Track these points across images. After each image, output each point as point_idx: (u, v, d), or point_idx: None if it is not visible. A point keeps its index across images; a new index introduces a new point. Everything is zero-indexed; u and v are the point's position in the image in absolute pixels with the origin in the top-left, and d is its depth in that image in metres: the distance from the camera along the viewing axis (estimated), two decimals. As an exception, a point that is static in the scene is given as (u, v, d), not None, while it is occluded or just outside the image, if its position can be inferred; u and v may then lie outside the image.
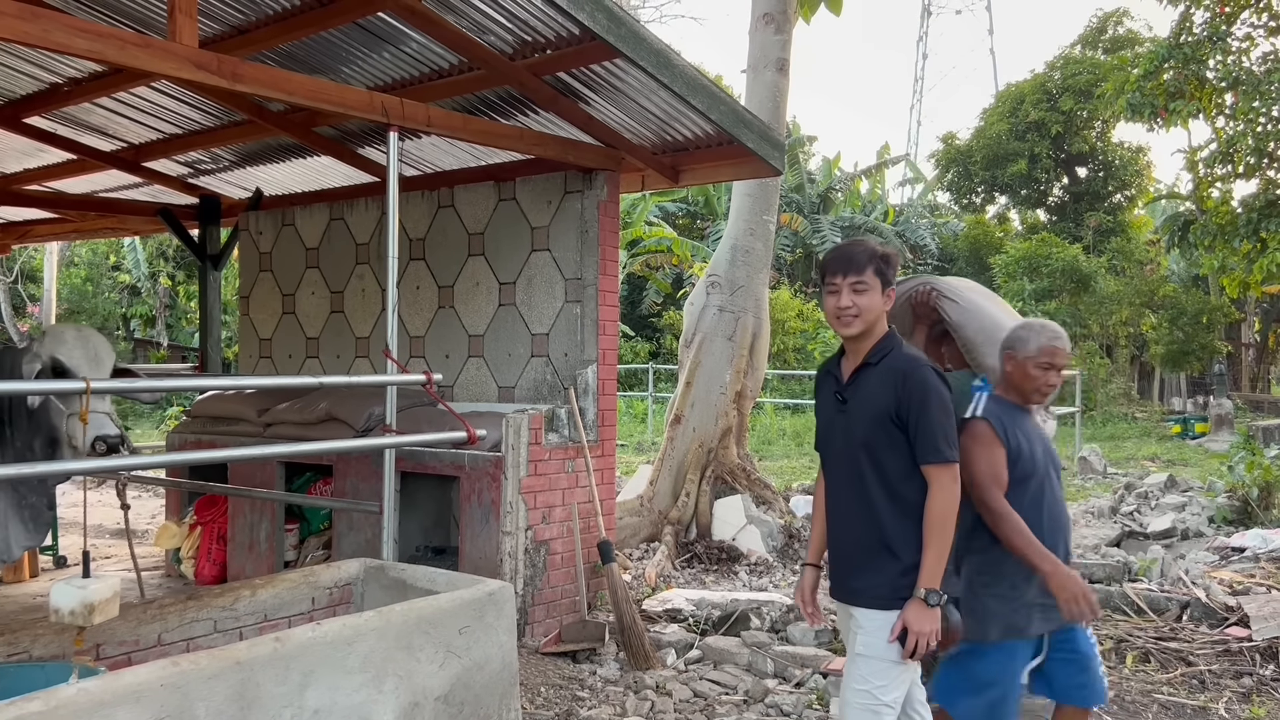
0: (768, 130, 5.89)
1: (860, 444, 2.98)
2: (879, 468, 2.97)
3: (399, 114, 4.61)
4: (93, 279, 23.85)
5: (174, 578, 7.03)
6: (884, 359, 2.99)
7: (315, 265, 7.34)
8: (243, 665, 3.09)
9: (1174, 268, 26.87)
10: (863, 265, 2.96)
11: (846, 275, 2.97)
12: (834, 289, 3.00)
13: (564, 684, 4.90)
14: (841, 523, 3.08)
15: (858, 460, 3.00)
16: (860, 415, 3.00)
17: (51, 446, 4.28)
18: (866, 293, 2.96)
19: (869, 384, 2.99)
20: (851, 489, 3.02)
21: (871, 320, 2.98)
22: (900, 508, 2.95)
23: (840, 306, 2.98)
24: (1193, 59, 12.80)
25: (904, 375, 2.94)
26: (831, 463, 3.14)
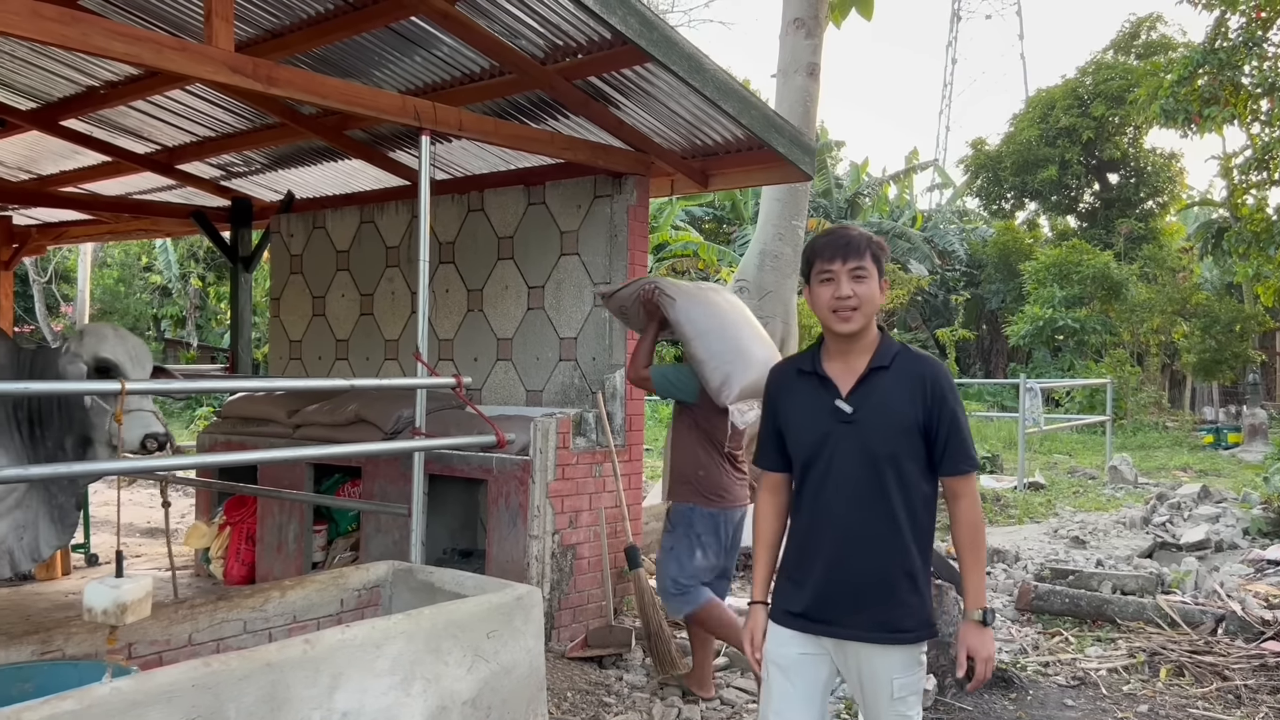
0: (799, 135, 5.87)
1: (884, 459, 2.58)
2: (905, 486, 2.61)
3: (431, 118, 4.62)
4: (125, 279, 24.14)
5: (203, 577, 7.08)
6: (896, 359, 2.64)
7: (345, 268, 7.38)
8: (273, 667, 3.11)
9: (1207, 275, 26.56)
10: (861, 250, 2.61)
11: (846, 260, 2.59)
12: (829, 276, 2.61)
13: (590, 689, 4.89)
14: (851, 552, 2.62)
15: (878, 479, 2.59)
16: (879, 426, 2.60)
17: (83, 445, 4.32)
18: (866, 280, 2.60)
19: (885, 389, 2.61)
20: (867, 512, 2.60)
21: (872, 314, 2.63)
22: (920, 529, 2.64)
23: (839, 297, 2.59)
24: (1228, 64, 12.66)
25: (930, 379, 2.62)
26: (830, 483, 2.64)
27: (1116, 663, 5.42)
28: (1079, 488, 12.49)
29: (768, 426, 2.81)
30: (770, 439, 2.81)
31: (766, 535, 2.86)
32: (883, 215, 29.93)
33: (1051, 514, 10.24)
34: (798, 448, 2.70)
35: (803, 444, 2.68)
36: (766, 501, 2.87)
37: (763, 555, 2.86)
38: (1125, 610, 6.07)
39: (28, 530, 4.26)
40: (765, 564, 2.85)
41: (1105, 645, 5.71)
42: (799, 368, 2.75)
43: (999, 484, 12.40)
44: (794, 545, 2.76)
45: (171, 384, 3.84)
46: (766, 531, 2.87)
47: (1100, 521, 9.28)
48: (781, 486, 2.85)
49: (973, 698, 4.88)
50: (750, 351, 4.53)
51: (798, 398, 2.72)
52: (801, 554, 2.73)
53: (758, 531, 2.87)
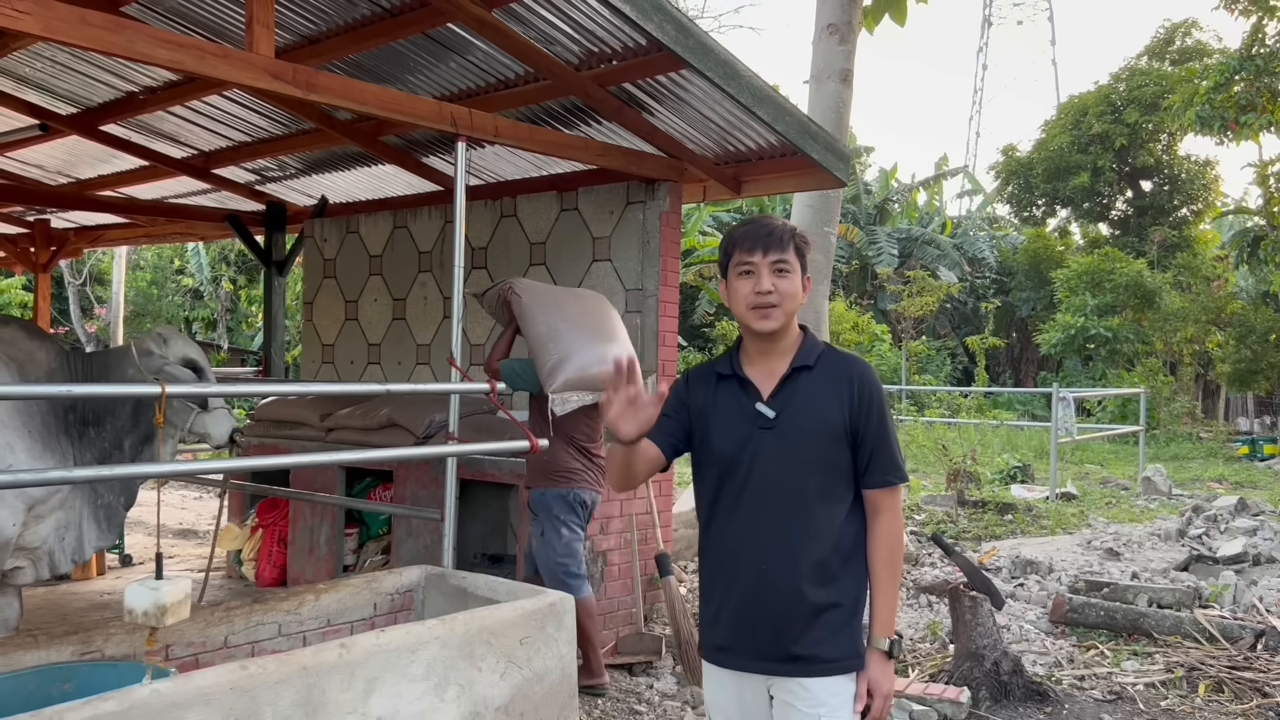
0: (833, 141, 5.84)
1: (807, 469, 2.35)
2: (828, 499, 2.37)
3: (467, 124, 4.63)
4: (157, 282, 24.40)
5: (235, 579, 7.13)
6: (820, 359, 2.42)
7: (378, 272, 7.42)
8: (309, 671, 3.12)
9: (1242, 284, 26.23)
10: (784, 241, 2.37)
11: (767, 252, 2.35)
12: (748, 269, 2.37)
13: (621, 697, 4.88)
14: (769, 574, 2.35)
15: (800, 491, 2.35)
16: (802, 433, 2.36)
17: (143, 443, 4.38)
18: (789, 275, 2.37)
19: (809, 392, 2.39)
20: (788, 529, 2.35)
21: (793, 311, 2.40)
22: (846, 546, 2.39)
23: (759, 291, 2.35)
24: (1265, 71, 12.52)
25: (857, 381, 2.39)
26: (748, 494, 2.38)
27: (1154, 677, 5.34)
28: (1112, 498, 12.35)
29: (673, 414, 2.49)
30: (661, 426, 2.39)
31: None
32: (912, 221, 29.78)
33: (1084, 525, 10.12)
34: (712, 457, 2.45)
35: (719, 451, 2.43)
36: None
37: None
38: (1162, 624, 5.98)
39: (70, 530, 4.30)
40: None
41: (1142, 659, 5.63)
42: (717, 370, 2.51)
43: (1030, 494, 12.27)
44: (706, 569, 2.51)
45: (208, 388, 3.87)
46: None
47: (1134, 533, 9.16)
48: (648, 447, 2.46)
49: (1007, 712, 4.82)
50: (583, 347, 4.82)
51: (715, 401, 2.47)
52: (713, 577, 2.47)
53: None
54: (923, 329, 26.97)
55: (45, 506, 4.15)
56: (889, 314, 26.32)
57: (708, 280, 25.22)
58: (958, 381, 26.65)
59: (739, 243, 2.40)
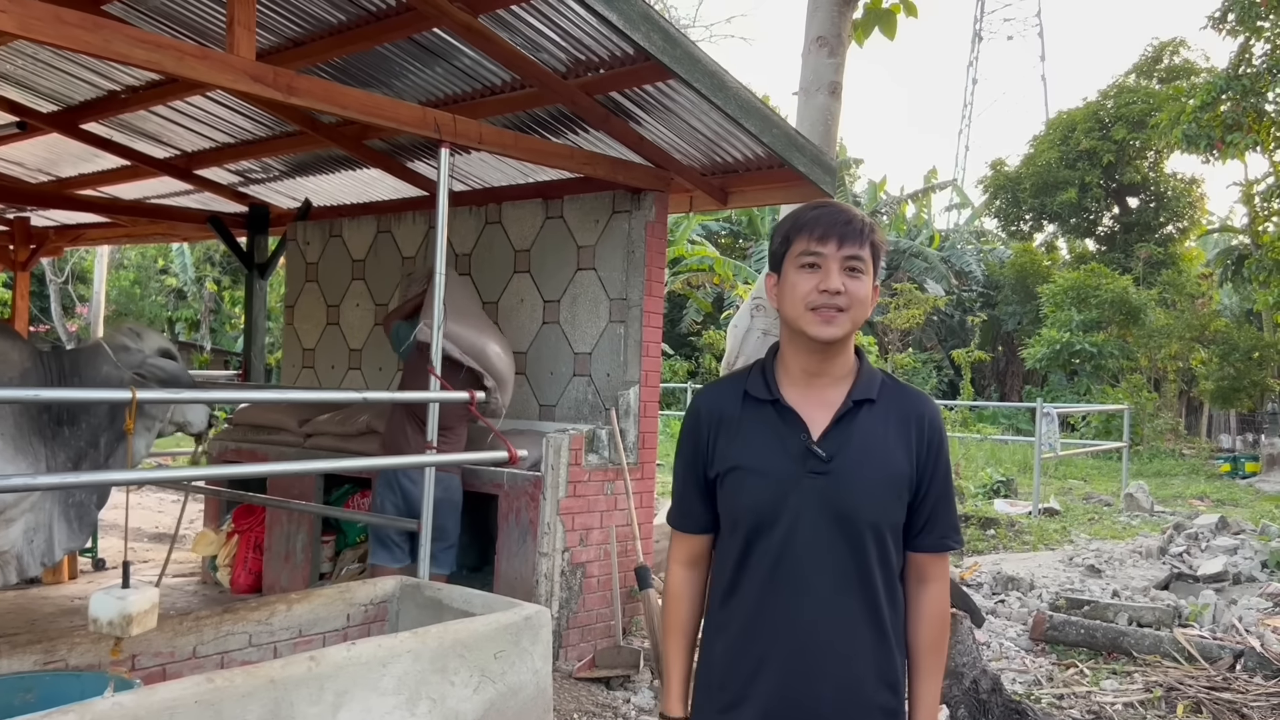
0: (819, 154, 5.82)
1: (866, 528, 1.89)
2: (887, 566, 1.93)
3: (451, 130, 4.59)
4: (140, 282, 24.25)
5: (209, 585, 7.04)
6: (882, 392, 1.98)
7: (361, 277, 7.36)
8: (276, 684, 3.07)
9: (1226, 302, 26.39)
10: (863, 235, 1.91)
11: (842, 244, 1.89)
12: (814, 261, 1.90)
13: (597, 711, 4.82)
14: (817, 658, 1.89)
15: (858, 554, 1.90)
16: (863, 481, 1.90)
17: (121, 439, 4.32)
18: (862, 277, 1.91)
19: (871, 432, 1.93)
20: (842, 600, 1.89)
21: (860, 322, 1.93)
22: (900, 623, 1.98)
23: (827, 290, 1.88)
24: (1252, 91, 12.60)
25: (928, 422, 1.98)
26: (790, 558, 1.91)
27: (1132, 697, 5.32)
28: (1094, 514, 12.37)
29: (690, 472, 2.06)
30: (693, 488, 2.05)
31: (682, 623, 2.08)
32: (900, 234, 29.85)
33: (1066, 541, 10.13)
34: (743, 505, 1.95)
35: (752, 500, 1.93)
36: (682, 578, 2.10)
37: (678, 652, 2.08)
38: (1141, 643, 5.97)
39: (40, 533, 4.23)
40: (681, 663, 2.08)
41: (1121, 679, 5.61)
42: (747, 390, 1.99)
43: (1013, 509, 12.28)
44: (724, 647, 1.97)
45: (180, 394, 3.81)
46: (682, 618, 2.08)
47: (1116, 550, 9.16)
48: (702, 556, 2.10)
49: (986, 730, 4.79)
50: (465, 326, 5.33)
51: (747, 433, 1.97)
52: (738, 660, 1.95)
53: (670, 619, 2.09)
54: (909, 341, 27.02)
55: (15, 510, 4.08)
56: (876, 326, 26.36)
57: (695, 289, 25.22)
58: (943, 394, 26.71)
59: (807, 228, 1.92)
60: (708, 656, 2.03)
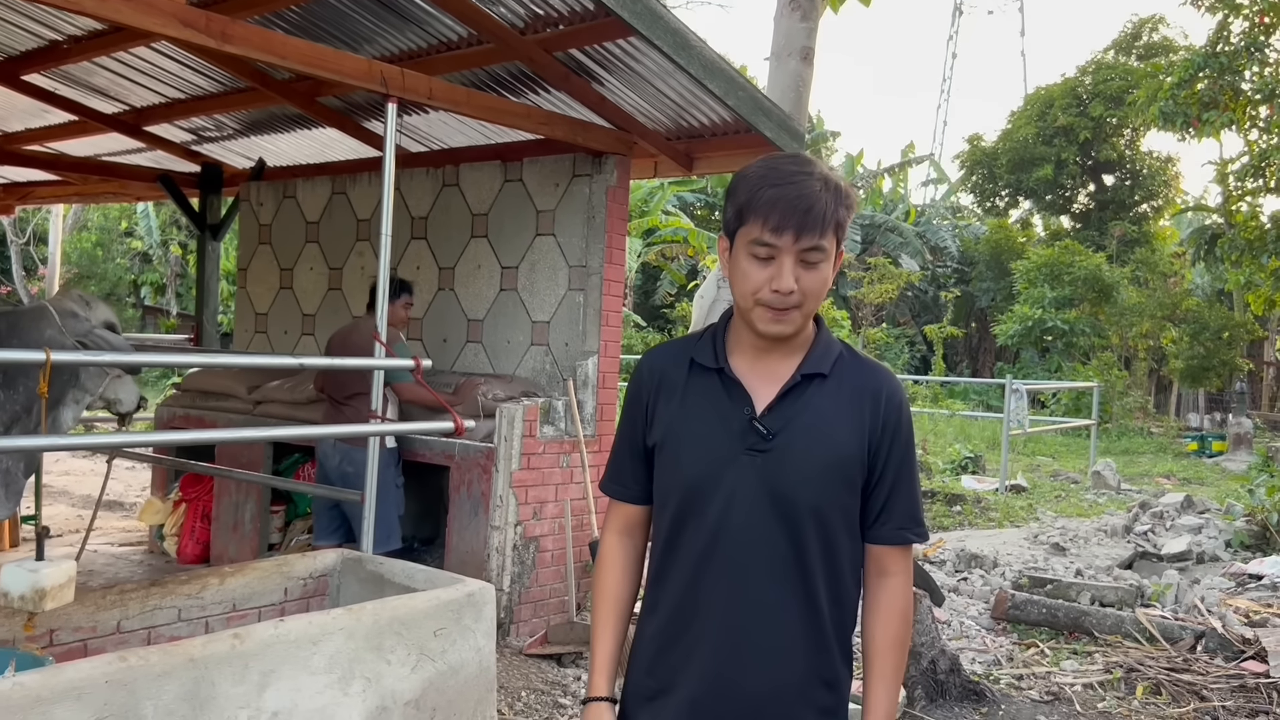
0: (787, 120, 5.65)
1: (806, 512, 1.73)
2: (831, 554, 1.77)
3: (399, 85, 4.37)
4: (103, 244, 23.75)
5: (156, 554, 6.85)
6: (837, 365, 1.80)
7: (315, 240, 7.13)
8: (196, 663, 2.92)
9: (1198, 281, 26.49)
10: (824, 223, 1.69)
11: (799, 236, 1.67)
12: (769, 254, 1.70)
13: (546, 689, 4.69)
14: (749, 649, 1.75)
15: (796, 540, 1.74)
16: (806, 461, 1.74)
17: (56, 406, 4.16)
18: (819, 267, 1.71)
19: (820, 409, 1.77)
20: (776, 590, 1.74)
21: (814, 312, 1.78)
22: (844, 617, 1.81)
23: (779, 290, 1.69)
24: (1229, 69, 12.53)
25: (885, 399, 1.79)
26: (723, 541, 1.76)
27: (1092, 678, 5.25)
28: (1061, 492, 12.36)
29: (628, 436, 1.91)
30: (628, 454, 1.90)
31: (612, 597, 1.90)
32: (876, 208, 29.75)
33: (1032, 518, 10.09)
34: (675, 480, 1.80)
35: (687, 474, 1.78)
36: (614, 546, 1.93)
37: (607, 628, 1.89)
38: (1103, 623, 5.91)
39: None
40: (610, 640, 1.88)
41: (1081, 659, 5.55)
42: (694, 357, 1.84)
43: (980, 485, 12.25)
44: (656, 630, 1.84)
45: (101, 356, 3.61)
46: (613, 591, 1.90)
47: (1081, 528, 9.13)
48: (638, 525, 1.94)
49: (943, 712, 4.70)
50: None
51: (688, 402, 1.81)
52: (666, 647, 1.82)
53: (600, 589, 1.92)
54: (882, 316, 27.00)
55: None
56: (849, 300, 26.31)
57: (670, 261, 25.01)
58: (915, 370, 26.74)
59: (761, 213, 1.69)
60: (640, 634, 1.88)
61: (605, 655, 1.88)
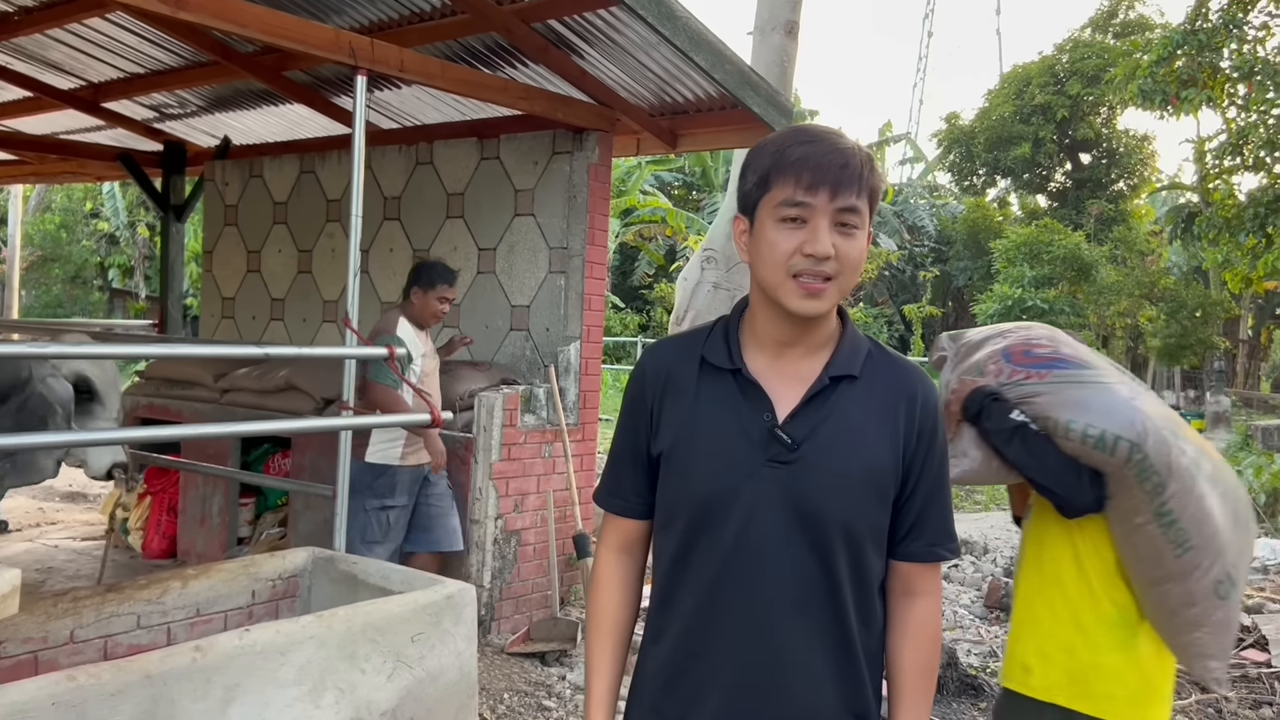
0: (775, 94, 5.43)
1: (835, 530, 1.54)
2: (861, 576, 1.58)
3: (368, 56, 4.13)
4: (68, 226, 23.18)
5: (121, 549, 6.58)
6: (867, 365, 1.61)
7: (283, 221, 6.85)
8: (154, 679, 2.71)
9: (1174, 259, 26.56)
10: (861, 181, 1.51)
11: (836, 193, 1.49)
12: (802, 214, 1.50)
13: (530, 690, 4.50)
14: (771, 680, 1.56)
15: (825, 561, 1.55)
16: (834, 475, 1.55)
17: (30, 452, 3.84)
18: (856, 235, 1.52)
19: (849, 415, 1.58)
20: (803, 616, 1.56)
21: (850, 289, 1.57)
22: (872, 644, 1.62)
23: (813, 254, 1.49)
24: (1207, 46, 12.43)
25: (920, 403, 1.61)
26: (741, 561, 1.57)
27: (1090, 669, 5.11)
28: (1044, 472, 12.27)
29: (628, 444, 1.70)
30: (629, 463, 1.70)
31: (610, 623, 1.72)
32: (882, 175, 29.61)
33: (1018, 500, 9.98)
34: (686, 494, 1.60)
35: (699, 488, 1.58)
36: (612, 565, 1.74)
37: (604, 658, 1.71)
38: (1099, 611, 5.77)
39: None
40: (608, 672, 1.70)
41: (1078, 649, 5.41)
42: (705, 356, 1.63)
43: (964, 466, 12.14)
44: (663, 662, 1.64)
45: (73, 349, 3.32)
46: (611, 616, 1.72)
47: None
48: (638, 542, 1.74)
49: (940, 708, 4.55)
50: None
51: (699, 407, 1.61)
52: (674, 681, 1.62)
53: (595, 612, 1.73)
54: (860, 296, 26.90)
55: None
56: (828, 280, 26.15)
57: (648, 241, 24.77)
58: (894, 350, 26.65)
59: (793, 170, 1.49)
60: (642, 667, 1.69)
61: (603, 690, 1.70)
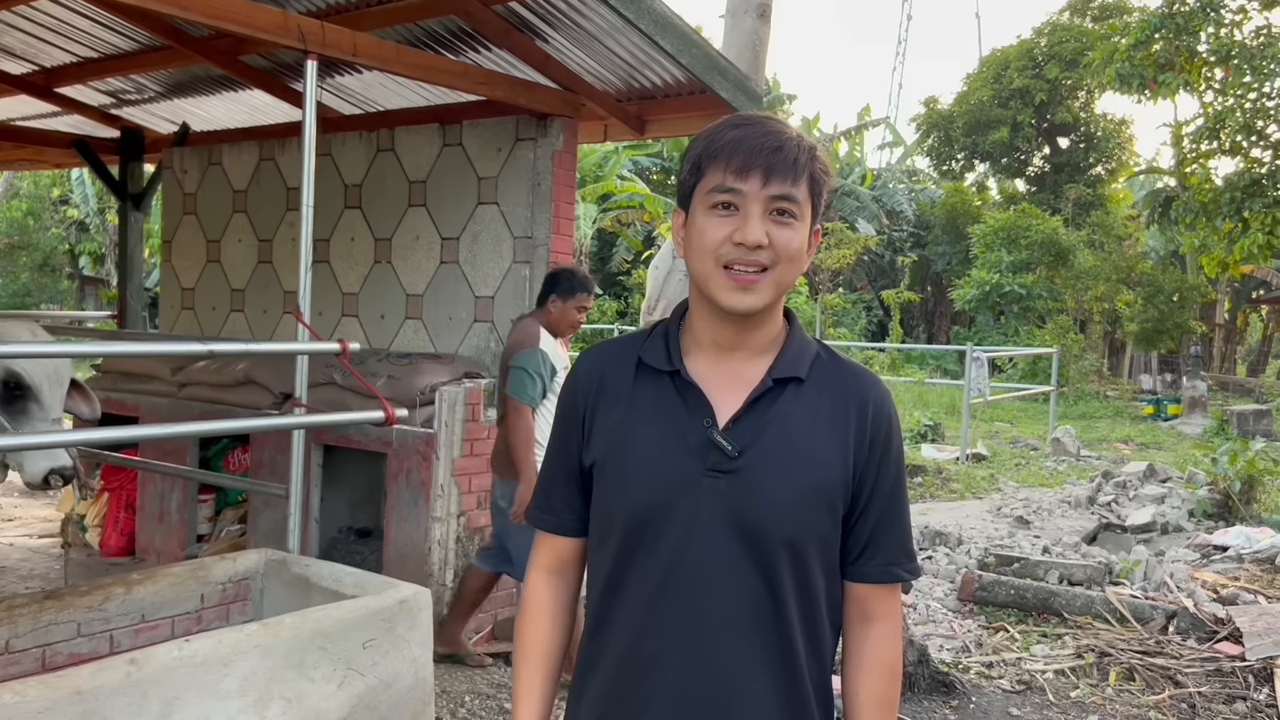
0: (744, 79, 5.30)
1: (779, 544, 1.43)
2: (806, 594, 1.47)
3: (318, 40, 3.97)
4: (35, 213, 22.79)
5: (78, 547, 6.43)
6: (815, 369, 1.50)
7: (243, 210, 6.67)
8: (85, 695, 2.60)
9: (1151, 244, 26.62)
10: (798, 167, 1.42)
11: (768, 179, 1.40)
12: (732, 200, 1.41)
13: (493, 692, 4.39)
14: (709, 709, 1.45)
15: (768, 579, 1.44)
16: (778, 486, 1.44)
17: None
18: (794, 224, 1.42)
19: (794, 421, 1.46)
20: (745, 641, 1.45)
21: (790, 283, 1.46)
22: (821, 671, 1.52)
23: (745, 242, 1.40)
24: (1185, 30, 12.37)
25: (872, 410, 1.50)
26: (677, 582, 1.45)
27: (1064, 664, 5.05)
28: (1021, 459, 12.25)
29: (560, 455, 1.59)
30: (561, 477, 1.59)
31: (540, 651, 1.59)
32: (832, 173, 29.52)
33: (994, 489, 9.94)
34: (619, 505, 1.49)
35: (632, 500, 1.47)
36: (542, 588, 1.62)
37: (533, 688, 1.57)
38: (1073, 604, 5.72)
39: None
40: (536, 702, 1.57)
41: (1052, 642, 5.35)
42: (642, 358, 1.52)
43: (941, 454, 12.11)
44: (599, 691, 1.53)
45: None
46: (541, 643, 1.59)
47: (1044, 499, 8.98)
48: (571, 562, 1.62)
49: (911, 706, 4.47)
50: None
51: (635, 412, 1.50)
52: (613, 708, 1.51)
53: (524, 642, 1.60)
54: (839, 281, 26.83)
55: None
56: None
57: (625, 227, 24.60)
58: (872, 335, 26.66)
59: (723, 155, 1.41)
60: (577, 699, 1.58)
61: (534, 711, 1.57)
